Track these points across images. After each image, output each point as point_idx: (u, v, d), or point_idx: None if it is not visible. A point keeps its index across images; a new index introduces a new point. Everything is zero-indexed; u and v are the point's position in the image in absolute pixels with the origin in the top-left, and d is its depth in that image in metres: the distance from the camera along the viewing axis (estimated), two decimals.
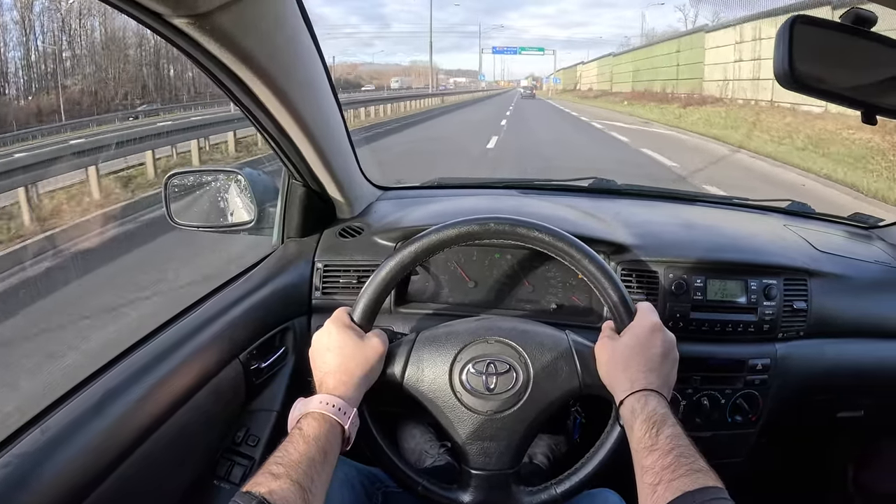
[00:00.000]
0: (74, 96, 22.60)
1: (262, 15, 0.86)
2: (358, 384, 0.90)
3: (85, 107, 22.29)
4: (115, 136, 8.53)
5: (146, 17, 0.74)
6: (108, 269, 4.47)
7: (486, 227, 0.97)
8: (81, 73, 24.59)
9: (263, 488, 0.70)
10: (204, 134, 10.05)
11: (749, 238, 1.41)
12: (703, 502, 0.67)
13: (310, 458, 0.77)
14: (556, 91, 62.45)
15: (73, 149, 7.35)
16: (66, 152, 7.05)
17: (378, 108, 22.31)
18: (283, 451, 0.77)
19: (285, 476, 0.72)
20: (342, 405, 0.85)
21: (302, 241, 1.36)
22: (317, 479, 0.75)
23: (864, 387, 1.42)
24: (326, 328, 0.94)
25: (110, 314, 3.43)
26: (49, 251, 4.80)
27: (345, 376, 0.89)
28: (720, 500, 0.68)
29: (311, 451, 0.78)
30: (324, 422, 0.83)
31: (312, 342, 0.95)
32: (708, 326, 1.25)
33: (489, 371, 0.94)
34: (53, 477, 0.74)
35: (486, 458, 0.95)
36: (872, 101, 0.77)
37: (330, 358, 0.90)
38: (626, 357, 0.89)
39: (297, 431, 0.81)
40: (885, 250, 1.52)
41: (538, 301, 1.33)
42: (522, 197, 1.69)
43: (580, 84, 55.21)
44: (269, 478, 0.72)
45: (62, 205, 6.32)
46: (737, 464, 1.36)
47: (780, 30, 0.71)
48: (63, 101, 21.16)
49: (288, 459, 0.75)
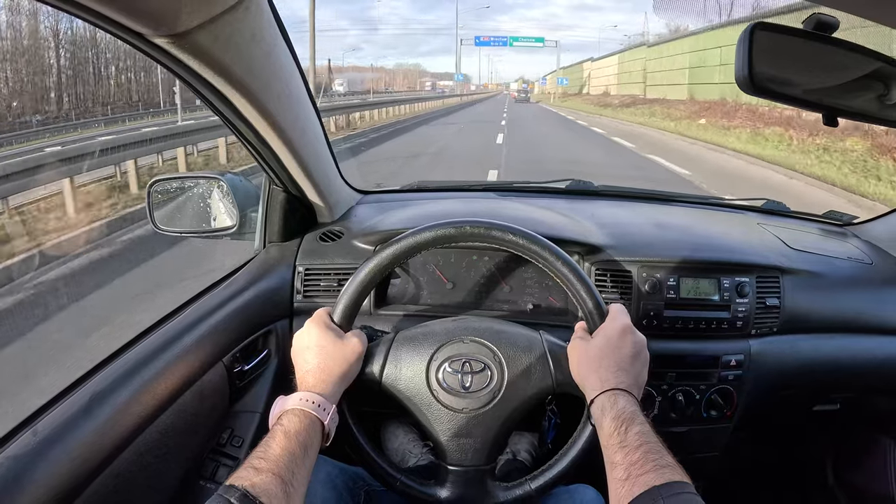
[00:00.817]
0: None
1: (240, 31, 0.88)
2: (337, 382, 0.92)
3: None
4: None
5: (130, 36, 0.77)
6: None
7: (462, 231, 0.99)
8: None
9: (246, 482, 0.72)
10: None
11: (722, 237, 1.43)
12: (669, 496, 0.69)
13: (290, 452, 0.78)
14: (558, 95, 53.64)
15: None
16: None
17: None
18: (264, 447, 0.79)
19: (267, 470, 0.74)
20: (321, 401, 0.88)
21: (283, 245, 1.37)
22: (297, 473, 0.77)
23: (839, 381, 1.45)
24: (307, 328, 0.96)
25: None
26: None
27: (324, 374, 0.91)
28: (686, 494, 0.70)
29: (291, 446, 0.79)
30: (304, 418, 0.85)
31: (293, 342, 0.97)
32: (682, 324, 1.28)
33: (465, 370, 0.97)
34: (46, 478, 0.76)
35: (463, 455, 0.98)
36: (834, 103, 0.79)
37: (310, 357, 0.93)
38: (597, 357, 0.92)
39: (278, 427, 0.82)
40: (858, 247, 1.55)
41: (515, 302, 1.35)
42: (500, 199, 1.71)
43: (589, 87, 47.17)
44: (251, 472, 0.74)
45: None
46: (714, 458, 1.39)
47: (741, 36, 0.73)
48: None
49: (269, 454, 0.77)
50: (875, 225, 1.64)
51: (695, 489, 0.71)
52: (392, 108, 26.16)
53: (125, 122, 21.84)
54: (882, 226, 1.62)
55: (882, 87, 0.79)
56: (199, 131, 9.79)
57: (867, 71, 0.78)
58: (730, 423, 1.34)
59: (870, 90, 0.79)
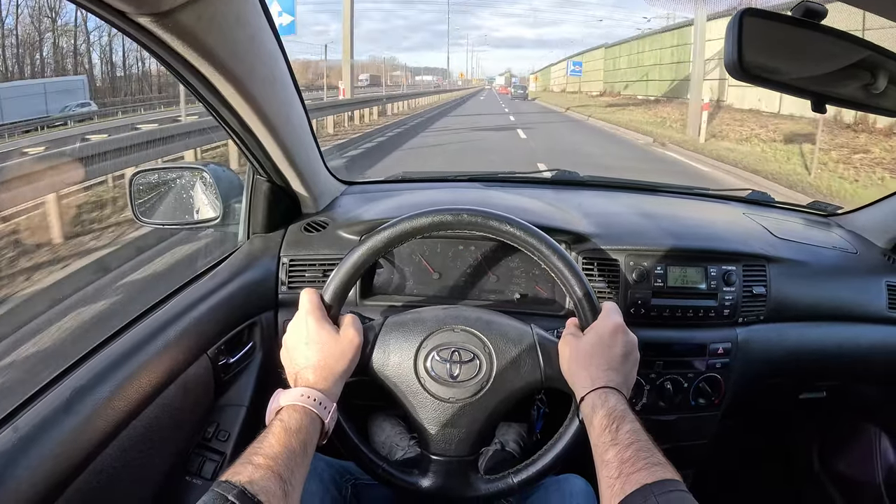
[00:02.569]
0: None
1: (224, 13, 0.86)
2: (337, 379, 0.90)
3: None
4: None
5: (111, 15, 0.75)
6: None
7: (460, 218, 0.97)
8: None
9: (244, 477, 0.69)
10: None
11: (708, 226, 1.44)
12: (661, 494, 0.68)
13: (290, 449, 0.76)
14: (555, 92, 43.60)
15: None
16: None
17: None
18: (263, 443, 0.76)
19: (266, 467, 0.71)
20: (322, 399, 0.85)
21: (267, 236, 1.36)
22: (296, 472, 0.75)
23: (825, 369, 1.46)
24: (302, 319, 0.93)
25: None
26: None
27: (324, 371, 0.88)
28: (678, 492, 0.69)
29: (292, 443, 0.77)
30: (305, 415, 0.82)
31: (287, 333, 0.94)
32: (669, 312, 1.28)
33: (453, 359, 0.96)
34: (28, 475, 0.74)
35: (447, 445, 0.97)
36: (822, 90, 0.79)
37: (309, 352, 0.90)
38: (589, 355, 0.91)
39: (278, 422, 0.80)
40: (843, 237, 1.56)
41: (502, 291, 1.35)
42: (486, 189, 1.70)
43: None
44: (249, 468, 0.71)
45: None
46: (702, 446, 1.40)
47: (730, 22, 0.72)
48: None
49: (269, 450, 0.74)
50: (859, 215, 1.65)
51: (686, 487, 0.71)
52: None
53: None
54: (866, 215, 1.63)
55: (869, 76, 0.79)
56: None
57: (855, 59, 0.78)
58: (717, 411, 1.34)
59: (857, 78, 0.80)
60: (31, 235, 4.87)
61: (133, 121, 14.08)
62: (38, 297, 3.82)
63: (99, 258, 4.53)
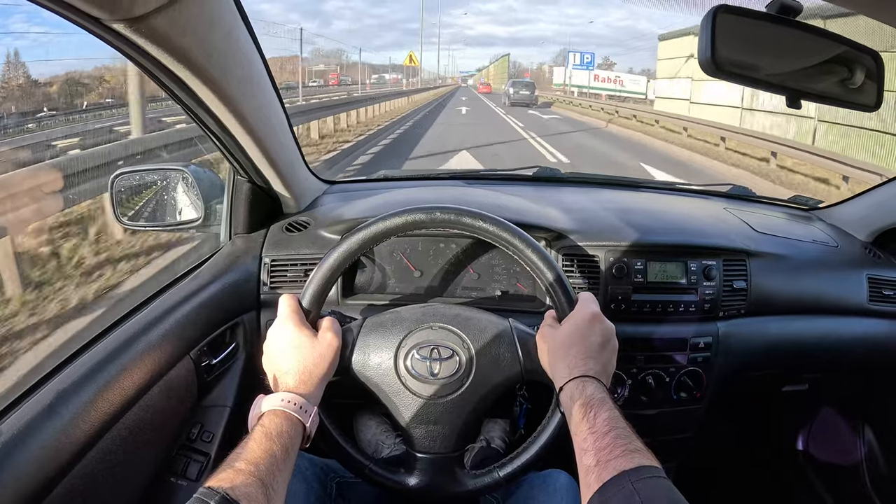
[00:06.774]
0: None
1: (198, 16, 0.86)
2: (318, 383, 0.90)
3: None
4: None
5: (85, 21, 0.75)
6: None
7: (432, 216, 0.98)
8: None
9: (226, 483, 0.69)
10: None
11: (688, 221, 1.45)
12: (638, 480, 0.69)
13: (273, 455, 0.76)
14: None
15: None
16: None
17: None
18: (245, 448, 0.76)
19: (248, 472, 0.72)
20: (304, 403, 0.86)
21: (249, 237, 1.35)
22: (279, 477, 0.75)
23: (806, 362, 1.48)
24: (282, 325, 0.93)
25: None
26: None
27: (304, 375, 0.89)
28: (655, 478, 0.69)
29: (273, 449, 0.77)
30: (286, 419, 0.82)
31: (267, 340, 0.94)
32: (650, 307, 1.29)
33: (433, 356, 0.97)
34: (11, 480, 0.74)
35: (431, 442, 0.98)
36: (798, 86, 0.79)
37: (289, 357, 0.90)
38: (566, 345, 0.91)
39: (259, 428, 0.80)
40: (824, 230, 1.58)
41: (483, 289, 1.35)
42: (466, 187, 1.70)
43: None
44: (231, 473, 0.71)
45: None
46: (686, 439, 1.41)
47: (704, 19, 0.73)
48: None
49: (251, 456, 0.75)
50: (840, 209, 1.67)
51: (665, 472, 0.71)
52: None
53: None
54: (847, 209, 1.65)
55: (846, 71, 0.80)
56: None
57: (831, 55, 0.78)
58: (700, 404, 1.35)
59: (833, 73, 0.80)
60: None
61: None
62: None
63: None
